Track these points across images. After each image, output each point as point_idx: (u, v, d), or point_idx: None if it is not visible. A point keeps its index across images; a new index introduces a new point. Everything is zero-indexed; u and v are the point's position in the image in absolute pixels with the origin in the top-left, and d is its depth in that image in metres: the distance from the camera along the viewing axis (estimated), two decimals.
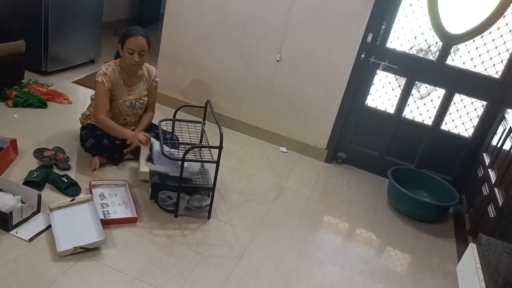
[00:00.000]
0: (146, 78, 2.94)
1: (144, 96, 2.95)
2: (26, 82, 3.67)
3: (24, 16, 3.72)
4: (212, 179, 2.60)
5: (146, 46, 2.75)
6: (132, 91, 2.89)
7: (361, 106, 3.52)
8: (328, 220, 2.95)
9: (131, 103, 2.89)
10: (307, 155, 3.70)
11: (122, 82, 2.83)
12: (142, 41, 2.72)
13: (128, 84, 2.86)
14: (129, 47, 2.70)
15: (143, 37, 2.72)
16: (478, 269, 1.99)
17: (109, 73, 2.76)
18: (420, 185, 3.35)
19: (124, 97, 2.85)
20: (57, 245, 2.08)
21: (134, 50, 2.70)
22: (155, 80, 2.99)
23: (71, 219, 2.29)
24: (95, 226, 2.26)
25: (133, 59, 2.72)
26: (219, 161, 2.45)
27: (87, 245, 2.12)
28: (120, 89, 2.83)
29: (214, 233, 2.51)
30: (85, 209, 2.38)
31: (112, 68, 2.79)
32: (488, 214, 2.63)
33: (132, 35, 2.71)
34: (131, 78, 2.86)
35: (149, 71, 2.96)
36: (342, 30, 3.25)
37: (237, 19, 3.49)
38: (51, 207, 2.29)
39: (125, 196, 2.59)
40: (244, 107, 3.73)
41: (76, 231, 2.21)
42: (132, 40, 2.70)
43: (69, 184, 2.54)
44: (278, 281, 2.27)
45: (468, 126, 3.40)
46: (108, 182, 2.66)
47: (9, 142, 2.64)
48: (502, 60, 3.14)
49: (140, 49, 2.72)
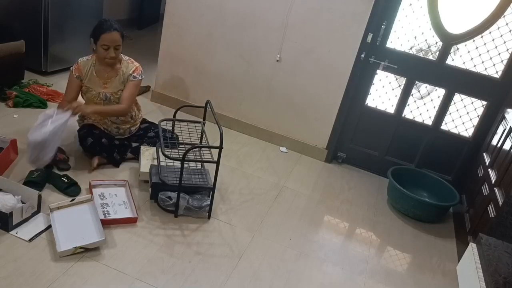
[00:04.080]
0: (123, 73, 2.83)
1: (121, 90, 2.85)
2: (26, 82, 3.67)
3: (24, 16, 3.72)
4: (212, 179, 2.60)
5: (121, 40, 2.71)
6: (108, 85, 2.82)
7: (361, 106, 3.52)
8: (328, 220, 2.95)
9: (106, 96, 2.82)
10: (307, 155, 3.70)
11: (94, 73, 2.79)
12: (117, 35, 2.67)
13: (102, 77, 2.80)
14: (103, 43, 2.66)
15: (116, 31, 2.67)
16: (478, 269, 1.99)
17: (80, 63, 2.78)
18: (420, 185, 3.35)
19: (98, 89, 2.80)
20: (57, 245, 2.08)
21: (109, 46, 2.67)
22: (133, 76, 2.82)
23: (71, 219, 2.29)
24: (95, 226, 2.26)
25: (108, 54, 2.69)
26: (219, 161, 2.44)
27: (87, 245, 2.12)
28: (92, 79, 2.79)
29: (214, 233, 2.51)
30: (85, 209, 2.38)
31: (87, 59, 2.79)
32: (488, 214, 2.63)
33: (106, 31, 2.65)
34: (107, 71, 2.80)
35: (128, 66, 2.84)
36: (342, 30, 3.25)
37: (237, 19, 3.49)
38: (51, 207, 2.30)
39: (125, 196, 2.59)
40: (244, 107, 3.73)
41: (76, 231, 2.21)
42: (106, 36, 2.65)
43: (69, 184, 2.54)
44: (278, 281, 2.27)
45: (468, 126, 3.40)
46: (108, 182, 2.66)
47: (9, 142, 2.64)
48: (502, 60, 3.14)
49: (115, 44, 2.68)
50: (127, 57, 2.89)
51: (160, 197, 2.55)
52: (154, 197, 2.60)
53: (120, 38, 2.71)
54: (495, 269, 1.85)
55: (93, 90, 2.81)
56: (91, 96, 2.82)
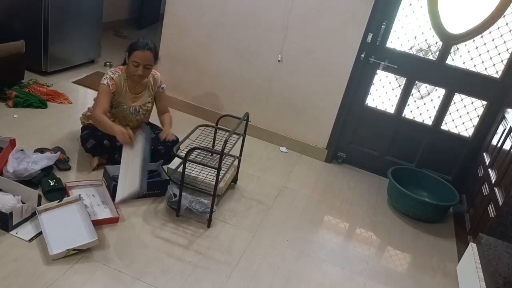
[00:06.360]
0: (151, 86, 2.93)
1: (148, 103, 2.95)
2: (26, 82, 3.67)
3: (24, 16, 3.72)
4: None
5: (152, 60, 2.73)
6: (137, 99, 2.89)
7: (361, 106, 3.52)
8: (328, 220, 2.95)
9: (135, 110, 2.89)
10: (307, 155, 3.70)
11: (127, 89, 2.82)
12: (149, 55, 2.69)
13: (134, 92, 2.86)
14: (134, 59, 2.68)
15: (150, 51, 2.69)
16: (478, 269, 1.99)
17: (115, 78, 2.75)
18: (420, 185, 3.35)
19: (128, 104, 2.85)
20: (49, 249, 2.04)
21: (139, 64, 2.68)
22: (161, 87, 2.97)
23: (60, 220, 2.24)
24: (85, 226, 2.22)
25: (137, 71, 2.70)
26: (220, 167, 2.42)
27: (80, 246, 2.09)
28: (125, 95, 2.83)
29: (214, 233, 2.51)
30: (73, 209, 2.33)
31: (119, 74, 2.78)
32: (488, 214, 2.63)
33: (139, 48, 2.67)
34: (137, 86, 2.86)
35: (155, 78, 2.94)
36: (342, 30, 3.25)
37: (237, 19, 3.49)
38: (38, 209, 2.24)
39: (103, 196, 2.54)
40: (244, 107, 3.72)
41: (67, 233, 2.16)
42: (139, 54, 2.67)
43: (53, 188, 2.47)
44: (278, 281, 2.27)
45: (468, 126, 3.40)
46: (84, 183, 2.59)
47: (8, 142, 2.64)
48: (502, 60, 3.14)
49: (146, 63, 2.70)
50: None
51: (167, 194, 2.56)
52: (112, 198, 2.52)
53: (152, 58, 2.71)
54: (495, 269, 1.85)
55: (124, 105, 2.83)
56: (121, 110, 2.84)
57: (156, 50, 2.77)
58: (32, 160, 2.51)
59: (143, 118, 2.99)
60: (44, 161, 2.55)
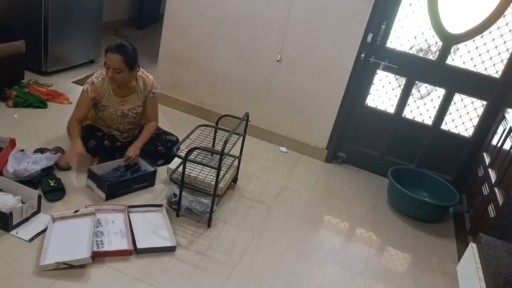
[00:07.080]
0: (140, 90, 2.84)
1: (139, 106, 2.88)
2: (26, 82, 3.67)
3: (24, 16, 3.72)
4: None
5: (122, 65, 2.59)
6: (125, 102, 2.82)
7: (361, 106, 3.52)
8: (328, 220, 2.95)
9: (123, 113, 2.83)
10: (307, 155, 3.70)
11: (112, 92, 2.76)
12: (117, 59, 2.57)
13: (119, 95, 2.79)
14: (105, 61, 2.63)
15: (119, 54, 2.57)
16: (478, 269, 1.98)
17: (96, 83, 2.71)
18: (420, 185, 3.35)
19: (115, 107, 2.79)
20: (41, 258, 1.99)
21: (109, 66, 2.61)
22: (152, 92, 2.87)
23: (68, 231, 2.20)
24: (87, 241, 2.14)
25: (108, 73, 2.64)
26: (220, 167, 2.42)
27: (71, 261, 2.01)
28: (110, 98, 2.77)
29: (214, 233, 2.51)
30: (86, 222, 2.27)
31: (102, 77, 2.73)
32: (488, 214, 2.63)
33: (109, 50, 2.59)
34: (123, 89, 2.78)
35: (145, 82, 2.85)
36: (342, 30, 3.25)
37: (237, 19, 3.49)
38: (54, 216, 2.23)
39: (122, 224, 2.37)
40: (244, 107, 3.72)
41: (67, 245, 2.11)
42: (108, 56, 2.60)
43: (53, 188, 2.46)
44: (278, 281, 2.27)
45: (468, 125, 3.40)
46: (106, 207, 2.44)
47: (8, 142, 2.64)
48: (502, 60, 3.14)
49: (114, 66, 2.59)
50: (141, 70, 2.84)
51: (167, 194, 2.56)
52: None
53: (120, 62, 2.58)
54: (495, 269, 1.85)
55: (110, 108, 2.79)
56: (108, 114, 2.81)
57: (130, 54, 2.63)
58: (32, 160, 2.51)
59: (135, 121, 2.94)
60: (44, 161, 2.55)
